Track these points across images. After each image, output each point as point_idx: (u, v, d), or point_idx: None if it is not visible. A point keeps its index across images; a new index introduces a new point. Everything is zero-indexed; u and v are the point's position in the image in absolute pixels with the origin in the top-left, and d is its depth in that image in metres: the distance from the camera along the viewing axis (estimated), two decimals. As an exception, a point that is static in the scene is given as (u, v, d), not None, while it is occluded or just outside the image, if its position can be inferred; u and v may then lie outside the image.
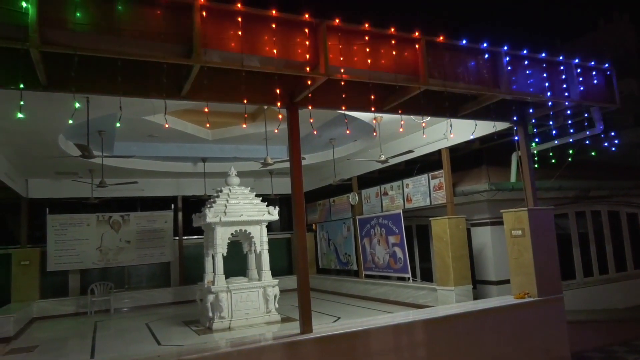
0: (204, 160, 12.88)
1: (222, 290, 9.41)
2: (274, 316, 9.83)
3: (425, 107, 6.51)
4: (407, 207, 11.49)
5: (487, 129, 8.28)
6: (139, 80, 5.05)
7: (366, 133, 10.90)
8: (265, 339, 5.86)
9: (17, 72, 4.37)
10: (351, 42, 5.34)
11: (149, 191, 14.20)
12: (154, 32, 4.43)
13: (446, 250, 9.52)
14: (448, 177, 9.97)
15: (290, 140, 5.92)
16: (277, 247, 15.86)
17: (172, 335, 9.26)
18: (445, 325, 6.47)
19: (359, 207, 13.44)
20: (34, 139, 8.78)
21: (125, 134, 10.18)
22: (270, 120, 9.60)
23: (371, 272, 12.74)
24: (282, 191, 15.24)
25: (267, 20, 4.90)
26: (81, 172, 11.89)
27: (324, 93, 5.73)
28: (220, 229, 9.65)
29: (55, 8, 4.07)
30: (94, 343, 9.10)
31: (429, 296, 10.28)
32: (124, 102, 5.04)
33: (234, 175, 10.53)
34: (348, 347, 5.71)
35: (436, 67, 5.96)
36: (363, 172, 12.94)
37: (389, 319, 6.65)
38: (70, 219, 13.59)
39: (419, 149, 10.24)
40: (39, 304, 12.79)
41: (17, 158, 10.39)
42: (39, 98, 6.26)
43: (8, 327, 9.84)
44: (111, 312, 13.00)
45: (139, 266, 14.72)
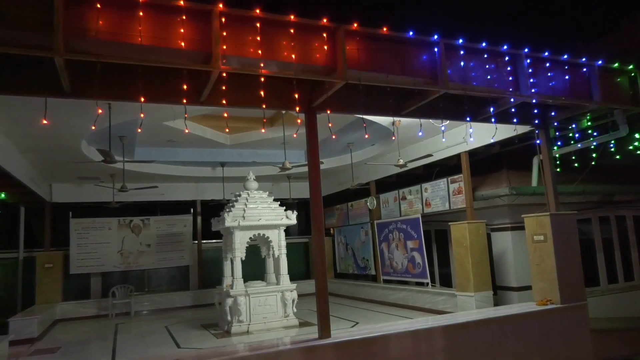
0: (222, 165, 12.98)
1: (240, 294, 9.45)
2: (292, 320, 9.83)
3: (445, 111, 6.45)
4: (426, 211, 11.38)
5: (508, 132, 8.17)
6: (159, 86, 5.12)
7: (384, 137, 10.85)
8: (284, 344, 5.86)
9: (42, 80, 4.48)
10: (369, 46, 5.33)
11: (169, 195, 14.36)
12: (174, 39, 4.49)
13: (466, 255, 9.40)
14: (467, 182, 9.85)
15: (309, 145, 5.92)
16: (294, 251, 15.86)
17: (191, 339, 9.32)
18: (465, 332, 6.38)
19: (377, 212, 13.37)
20: (57, 144, 8.98)
21: (145, 139, 10.32)
22: (289, 124, 9.64)
23: (389, 277, 12.65)
24: (300, 195, 15.27)
25: (285, 25, 4.92)
26: (103, 177, 12.09)
27: (342, 97, 5.73)
28: (238, 233, 9.71)
29: (78, 17, 4.16)
30: (115, 345, 9.23)
31: (448, 302, 10.16)
32: (145, 108, 5.11)
33: (253, 179, 10.59)
34: (366, 352, 5.67)
35: (455, 70, 5.91)
36: (381, 177, 12.88)
37: (407, 325, 6.59)
38: (92, 223, 13.83)
39: (437, 153, 10.14)
40: (62, 306, 13.03)
41: (41, 163, 10.63)
42: (62, 105, 6.39)
43: (32, 328, 10.05)
44: (132, 315, 13.17)
45: (158, 269, 14.89)
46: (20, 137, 8.47)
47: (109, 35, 4.23)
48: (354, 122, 9.84)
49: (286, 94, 5.50)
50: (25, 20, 4.03)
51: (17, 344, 9.17)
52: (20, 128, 7.86)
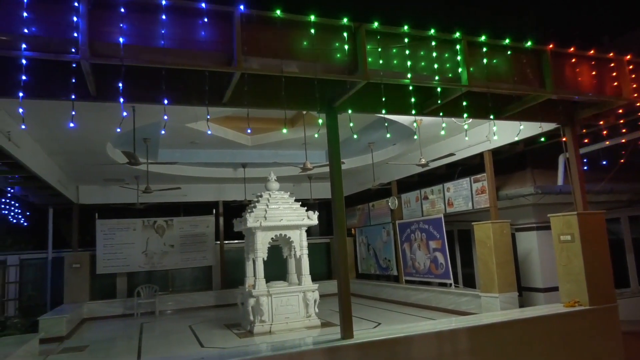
0: (244, 166, 13.08)
1: (262, 294, 9.50)
2: (314, 321, 9.83)
3: (467, 109, 6.35)
4: (449, 211, 11.25)
5: (533, 130, 8.01)
6: (182, 89, 5.18)
7: (405, 136, 10.77)
8: (306, 344, 5.86)
9: (69, 84, 4.57)
10: (390, 44, 5.29)
11: (192, 196, 14.54)
12: (196, 41, 4.54)
13: (490, 255, 9.25)
14: (491, 181, 9.69)
15: (330, 145, 5.91)
16: (316, 251, 15.87)
17: (214, 338, 9.41)
18: (490, 334, 6.27)
19: (399, 212, 13.28)
20: (84, 147, 9.19)
21: (168, 141, 10.48)
22: (309, 125, 9.65)
23: (411, 277, 12.54)
24: (321, 196, 15.28)
25: (305, 25, 4.92)
26: (128, 179, 12.32)
27: (363, 97, 5.69)
28: (260, 233, 9.76)
29: (103, 21, 4.24)
30: (141, 344, 9.38)
31: (472, 303, 10.01)
32: (168, 110, 5.18)
33: (274, 180, 10.64)
34: (389, 353, 5.63)
35: (478, 67, 5.82)
36: (402, 176, 12.78)
37: (431, 326, 6.51)
38: (117, 224, 14.10)
39: (460, 152, 10.01)
40: (89, 305, 13.32)
41: (68, 166, 10.90)
42: (88, 108, 6.54)
43: (61, 327, 10.30)
44: (156, 314, 13.37)
45: (182, 270, 15.09)
46: (48, 141, 8.70)
47: (132, 38, 4.30)
48: (375, 122, 9.80)
49: (307, 94, 5.49)
50: (53, 25, 4.13)
51: (47, 342, 9.40)
52: (48, 131, 8.07)
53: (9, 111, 6.68)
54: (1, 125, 6.56)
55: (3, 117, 6.64)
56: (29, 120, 7.13)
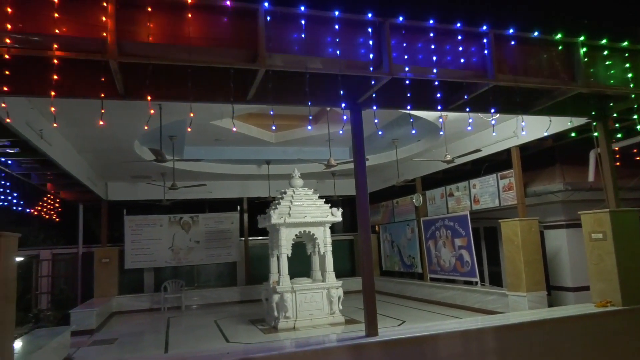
0: (267, 163, 13.15)
1: (287, 291, 9.55)
2: (338, 317, 9.83)
3: (495, 104, 6.23)
4: (475, 208, 11.08)
5: (562, 125, 7.81)
6: (207, 86, 5.23)
7: (430, 132, 10.64)
8: (331, 341, 5.86)
9: (97, 83, 4.67)
10: (415, 39, 5.22)
11: (216, 193, 14.71)
12: (221, 39, 4.58)
13: (517, 253, 9.06)
14: (519, 177, 9.50)
15: (354, 142, 5.88)
16: (339, 248, 15.86)
17: (239, 333, 9.51)
18: (517, 333, 6.14)
19: (423, 209, 13.15)
20: (112, 145, 9.39)
21: (194, 138, 10.62)
22: (333, 121, 9.63)
23: (436, 275, 12.41)
24: (345, 192, 15.25)
25: (329, 21, 4.90)
26: (154, 176, 12.54)
27: (388, 93, 5.64)
28: (284, 230, 9.80)
29: (130, 20, 4.31)
30: (168, 338, 9.55)
31: (498, 302, 9.84)
32: (193, 108, 5.24)
33: (298, 177, 10.66)
34: (415, 351, 5.58)
35: (506, 61, 5.70)
36: (427, 173, 12.64)
37: (457, 325, 6.44)
38: (144, 220, 14.38)
39: (486, 148, 9.83)
40: (118, 299, 13.64)
41: (97, 163, 11.16)
42: (116, 106, 6.68)
43: (91, 320, 10.57)
44: (182, 309, 13.59)
45: (207, 265, 15.30)
46: (78, 139, 8.92)
47: (159, 37, 4.36)
48: (399, 118, 9.71)
49: (331, 91, 5.47)
50: (81, 26, 4.21)
51: (78, 335, 9.66)
52: (78, 130, 8.27)
53: (41, 110, 6.88)
54: (34, 123, 6.75)
55: (36, 116, 6.83)
56: (60, 119, 7.32)
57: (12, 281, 4.66)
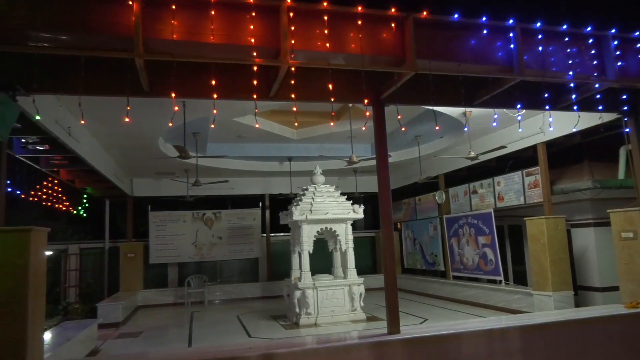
0: (289, 159, 13.19)
1: (308, 287, 9.57)
2: (360, 314, 9.81)
3: (521, 100, 6.10)
4: (499, 206, 10.89)
5: (591, 120, 7.60)
6: (231, 83, 5.26)
7: (454, 129, 10.50)
8: (352, 338, 5.85)
9: (124, 81, 4.75)
10: (439, 34, 5.15)
11: (239, 190, 14.81)
12: (244, 36, 4.59)
13: (543, 252, 8.88)
14: (545, 174, 9.30)
15: (377, 138, 5.83)
16: (361, 245, 15.78)
17: (261, 329, 9.58)
18: (543, 334, 6.02)
19: (446, 206, 13.00)
20: (137, 142, 9.54)
21: (216, 135, 10.72)
22: (355, 118, 9.59)
23: (459, 273, 12.26)
24: (366, 189, 15.19)
25: (353, 17, 4.87)
26: (178, 172, 12.71)
27: (411, 89, 5.58)
28: (306, 226, 9.82)
29: (155, 19, 4.36)
30: (191, 332, 9.69)
31: (523, 301, 9.67)
32: (216, 105, 5.28)
33: (319, 173, 10.66)
34: (437, 350, 5.52)
35: (533, 55, 5.57)
36: (450, 170, 12.48)
37: (480, 324, 6.34)
38: (168, 216, 14.60)
39: (512, 145, 9.65)
40: (143, 293, 13.89)
41: (123, 160, 11.37)
42: (141, 104, 6.77)
43: (117, 313, 10.80)
44: (205, 304, 13.77)
45: (229, 261, 15.46)
46: (104, 136, 9.10)
47: (183, 35, 4.40)
48: (422, 114, 9.61)
49: (354, 87, 5.45)
50: (108, 25, 4.29)
51: (104, 327, 9.88)
52: (104, 127, 8.43)
53: (69, 107, 7.03)
54: (62, 121, 6.91)
55: (64, 114, 6.99)
56: (87, 116, 7.44)
57: (42, 274, 4.78)
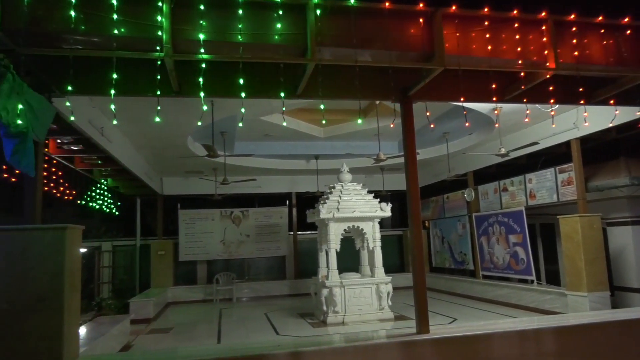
0: (316, 158, 13.19)
1: (335, 285, 9.56)
2: (387, 313, 9.74)
3: (554, 94, 5.93)
4: (531, 204, 10.63)
5: (629, 115, 7.33)
6: (258, 82, 5.29)
7: (483, 125, 10.30)
8: (380, 337, 5.80)
9: (154, 81, 4.83)
10: (469, 28, 5.04)
11: (266, 188, 14.92)
12: (271, 34, 4.60)
13: (578, 251, 8.62)
14: (579, 171, 9.01)
15: (405, 136, 5.76)
16: (388, 244, 15.68)
17: (288, 326, 9.63)
18: (578, 335, 5.85)
19: (475, 204, 12.76)
20: (167, 141, 9.72)
21: (244, 134, 10.81)
22: (382, 115, 9.51)
23: (489, 272, 12.03)
24: (394, 187, 15.07)
25: (379, 13, 4.82)
26: (206, 171, 12.89)
27: (440, 85, 5.49)
28: (333, 224, 9.80)
29: (184, 19, 4.42)
30: (220, 328, 9.82)
31: (556, 301, 9.41)
32: (244, 104, 5.31)
33: (346, 171, 10.62)
34: (468, 350, 5.43)
35: (567, 48, 5.40)
36: (480, 167, 12.25)
37: (512, 324, 6.21)
38: (197, 214, 14.83)
39: (544, 141, 9.39)
40: (173, 290, 14.16)
41: (153, 159, 11.60)
42: (170, 104, 6.89)
43: (149, 309, 11.05)
44: (233, 301, 13.93)
45: (257, 259, 15.59)
46: (136, 135, 9.30)
47: (211, 34, 4.44)
48: (450, 111, 9.46)
49: (381, 84, 5.39)
50: (139, 26, 4.36)
51: (136, 323, 10.12)
52: (136, 127, 8.61)
53: (101, 108, 7.21)
54: (95, 121, 7.09)
55: (97, 114, 7.17)
56: (119, 117, 7.62)
57: (77, 271, 4.92)
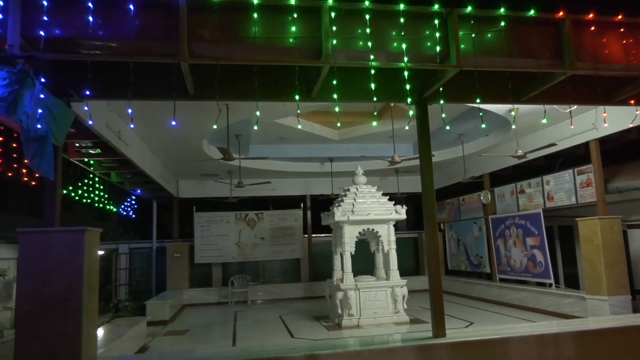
0: (330, 160, 13.19)
1: (350, 288, 9.52)
2: (403, 317, 9.67)
3: (572, 95, 5.83)
4: (548, 206, 10.47)
5: (649, 115, 7.17)
6: (272, 85, 5.32)
7: (499, 127, 10.19)
8: (396, 340, 5.77)
9: (170, 85, 4.88)
10: (485, 29, 5.00)
11: (280, 191, 14.95)
12: (286, 37, 4.62)
13: (597, 254, 8.46)
14: (598, 173, 8.86)
15: (420, 138, 5.73)
16: (403, 246, 15.59)
17: (303, 329, 9.62)
18: (599, 340, 5.74)
19: (492, 206, 12.62)
20: (183, 144, 9.80)
21: (258, 137, 10.85)
22: (397, 117, 9.47)
23: (506, 275, 11.88)
24: (408, 190, 14.98)
25: (394, 15, 4.81)
26: (221, 174, 12.97)
27: (455, 86, 5.45)
28: (348, 227, 9.78)
29: (199, 23, 4.46)
30: (235, 331, 9.85)
31: (575, 305, 9.24)
32: (259, 107, 5.33)
33: (361, 174, 10.59)
34: (485, 355, 5.36)
35: (584, 48, 5.33)
36: (496, 169, 12.12)
37: (530, 328, 6.12)
38: (212, 217, 14.92)
39: (562, 142, 9.25)
40: (189, 292, 14.26)
41: (169, 162, 11.71)
42: (186, 107, 6.95)
43: (165, 311, 11.14)
44: (248, 303, 13.97)
45: (272, 261, 15.62)
46: (152, 139, 9.40)
47: (226, 38, 4.48)
48: (466, 112, 9.38)
49: (396, 86, 5.36)
50: (154, 31, 4.42)
51: (153, 325, 10.20)
52: (152, 130, 8.70)
53: (119, 112, 7.31)
54: (112, 125, 7.19)
55: (114, 118, 7.27)
56: (136, 120, 7.72)
57: (95, 272, 4.99)
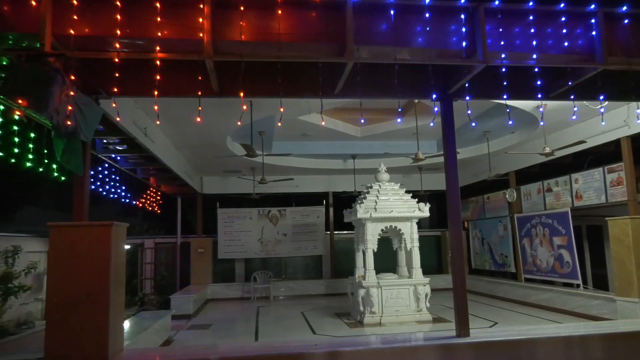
0: (353, 157, 13.14)
1: (372, 286, 9.49)
2: (425, 315, 9.58)
3: (603, 90, 5.67)
4: (576, 205, 10.21)
5: (685, 112, 6.90)
6: (296, 81, 5.32)
7: (526, 123, 9.98)
8: (418, 339, 5.73)
9: (195, 82, 4.93)
10: (513, 23, 4.89)
11: (303, 187, 14.99)
12: (310, 34, 4.61)
13: (628, 255, 8.21)
14: (630, 171, 8.59)
15: (445, 134, 5.66)
16: (426, 244, 15.41)
17: (325, 326, 9.63)
18: (628, 343, 5.58)
19: (517, 205, 12.38)
20: (206, 141, 9.91)
21: (282, 133, 10.89)
22: (420, 114, 9.37)
23: (532, 275, 11.64)
24: (432, 187, 14.82)
25: (419, 10, 4.74)
26: (245, 170, 13.07)
27: (481, 82, 5.35)
28: (370, 224, 9.73)
29: (224, 20, 4.49)
30: (257, 326, 9.93)
31: (604, 307, 9.00)
32: (282, 103, 5.34)
33: (384, 171, 10.52)
34: (510, 356, 5.27)
35: (617, 42, 5.17)
36: (522, 167, 11.88)
37: (557, 330, 6.00)
38: (236, 213, 15.06)
39: (592, 139, 9.01)
40: (212, 287, 14.44)
41: (193, 158, 11.86)
42: (210, 104, 7.01)
43: (189, 305, 11.31)
44: (270, 299, 14.07)
45: (294, 258, 15.67)
46: (176, 136, 9.53)
47: (251, 35, 4.49)
48: (491, 109, 9.21)
49: (421, 82, 5.31)
50: (180, 28, 4.47)
51: (177, 319, 10.37)
52: (177, 127, 8.83)
53: (145, 109, 7.43)
54: (139, 122, 7.31)
55: (140, 115, 7.39)
56: (162, 117, 7.85)
57: (121, 266, 5.09)
